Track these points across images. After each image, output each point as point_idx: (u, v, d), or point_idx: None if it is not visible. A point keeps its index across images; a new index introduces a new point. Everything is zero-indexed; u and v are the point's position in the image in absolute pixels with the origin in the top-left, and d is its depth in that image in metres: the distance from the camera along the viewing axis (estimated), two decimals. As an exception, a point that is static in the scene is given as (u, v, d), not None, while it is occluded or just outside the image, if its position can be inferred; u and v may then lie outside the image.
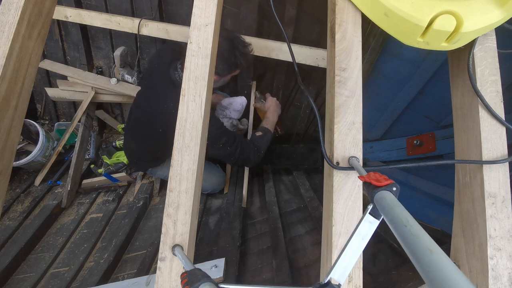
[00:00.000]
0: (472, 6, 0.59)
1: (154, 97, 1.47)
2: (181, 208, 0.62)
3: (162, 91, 1.44)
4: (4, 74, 0.67)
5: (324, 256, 0.65)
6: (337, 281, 0.42)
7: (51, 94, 2.16)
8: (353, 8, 0.71)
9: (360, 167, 0.57)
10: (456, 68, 0.76)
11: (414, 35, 0.63)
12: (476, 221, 0.64)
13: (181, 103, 0.66)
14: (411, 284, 0.82)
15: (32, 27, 0.74)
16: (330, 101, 0.69)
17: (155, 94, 1.46)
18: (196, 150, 0.64)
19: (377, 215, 0.43)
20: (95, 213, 1.91)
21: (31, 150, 1.98)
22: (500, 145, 0.65)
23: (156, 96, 1.45)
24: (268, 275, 1.12)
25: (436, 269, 0.26)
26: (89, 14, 1.84)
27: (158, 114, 1.44)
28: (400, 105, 1.80)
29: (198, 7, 0.71)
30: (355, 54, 0.68)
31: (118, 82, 2.07)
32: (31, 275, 1.45)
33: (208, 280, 0.42)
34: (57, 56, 2.20)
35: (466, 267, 0.65)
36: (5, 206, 1.87)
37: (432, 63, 1.49)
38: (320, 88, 1.94)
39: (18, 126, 0.74)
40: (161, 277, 0.59)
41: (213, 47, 0.71)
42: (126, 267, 1.45)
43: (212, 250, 1.36)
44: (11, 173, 0.75)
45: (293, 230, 1.38)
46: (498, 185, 0.63)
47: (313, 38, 1.72)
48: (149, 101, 1.50)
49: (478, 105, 0.67)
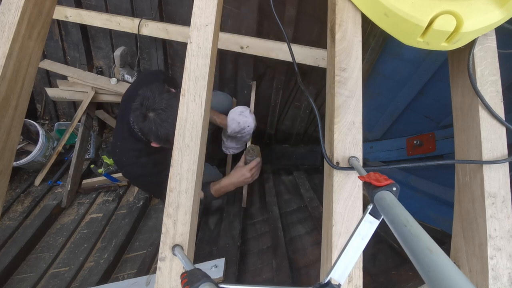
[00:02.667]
0: (472, 6, 0.59)
1: (119, 146, 1.31)
2: (181, 208, 0.62)
3: (122, 139, 1.29)
4: (4, 74, 0.67)
5: (324, 256, 0.65)
6: (337, 281, 0.42)
7: (51, 94, 2.16)
8: (353, 8, 0.71)
9: (360, 167, 0.57)
10: (456, 68, 0.76)
11: (414, 35, 0.63)
12: (476, 221, 0.64)
13: (181, 103, 0.66)
14: (411, 284, 0.82)
15: (32, 27, 0.74)
16: (330, 101, 0.69)
17: (120, 141, 1.31)
18: (196, 150, 0.64)
19: (377, 215, 0.43)
20: (95, 213, 1.91)
21: (31, 150, 1.98)
22: (500, 145, 0.65)
23: (120, 146, 1.30)
24: (268, 275, 1.12)
25: (436, 269, 0.26)
26: (89, 14, 1.84)
27: (124, 167, 1.32)
28: (400, 105, 1.80)
29: (198, 7, 0.71)
30: (355, 54, 0.68)
31: (118, 82, 2.07)
32: (31, 275, 1.45)
33: (208, 280, 0.42)
34: (57, 56, 2.20)
35: (466, 267, 0.65)
36: (5, 206, 1.87)
37: (432, 63, 1.49)
38: (320, 88, 1.94)
39: (18, 126, 0.74)
40: (161, 277, 0.59)
41: (213, 47, 0.70)
42: (126, 267, 1.45)
43: (212, 250, 1.36)
44: (11, 173, 0.75)
45: (293, 230, 1.38)
46: (498, 185, 0.63)
47: (313, 38, 1.72)
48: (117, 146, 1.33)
49: (478, 105, 0.67)
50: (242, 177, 1.39)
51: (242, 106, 1.68)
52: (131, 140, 1.23)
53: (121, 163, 1.31)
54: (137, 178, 1.33)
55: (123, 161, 1.29)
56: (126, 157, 1.27)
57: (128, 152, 1.26)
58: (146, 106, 1.08)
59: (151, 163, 1.27)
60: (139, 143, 1.23)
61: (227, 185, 1.41)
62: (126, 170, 1.32)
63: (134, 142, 1.23)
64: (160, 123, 1.07)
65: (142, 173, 1.29)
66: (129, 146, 1.25)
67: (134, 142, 1.23)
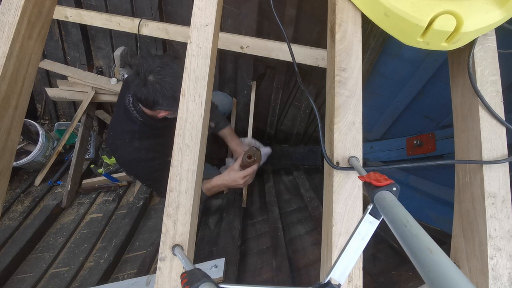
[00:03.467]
0: (472, 6, 0.59)
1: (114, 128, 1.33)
2: (181, 208, 0.62)
3: (117, 122, 1.31)
4: (4, 74, 0.67)
5: (324, 256, 0.65)
6: (337, 281, 0.42)
7: (51, 94, 2.16)
8: (353, 8, 0.71)
9: (360, 167, 0.57)
10: (456, 68, 0.76)
11: (414, 35, 0.63)
12: (476, 221, 0.64)
13: (181, 103, 0.66)
14: (411, 284, 0.82)
15: (32, 27, 0.74)
16: (330, 101, 0.69)
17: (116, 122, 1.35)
18: (196, 150, 0.64)
19: (377, 215, 0.43)
20: (95, 213, 1.91)
21: (31, 150, 1.98)
22: (500, 145, 0.65)
23: (115, 127, 1.32)
24: (268, 275, 1.12)
25: (436, 269, 0.26)
26: (89, 14, 1.84)
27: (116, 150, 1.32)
28: (400, 105, 1.80)
29: (198, 7, 0.71)
30: (355, 54, 0.68)
31: (118, 82, 2.07)
32: (31, 275, 1.45)
33: (208, 280, 0.42)
34: (57, 56, 2.20)
35: (466, 267, 0.65)
36: (5, 206, 1.88)
37: (432, 63, 1.49)
38: (320, 88, 1.94)
39: (18, 126, 0.74)
40: (161, 277, 0.59)
41: (213, 47, 0.70)
42: (126, 267, 1.45)
43: (212, 250, 1.36)
44: (11, 173, 0.75)
45: (293, 230, 1.38)
46: (498, 185, 0.63)
47: (313, 38, 1.72)
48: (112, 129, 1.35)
49: (478, 105, 0.67)
50: (233, 182, 1.36)
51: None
52: (126, 121, 1.23)
53: (114, 146, 1.30)
54: (129, 163, 1.31)
55: (116, 144, 1.28)
56: (119, 140, 1.27)
57: (121, 134, 1.26)
58: (143, 72, 1.07)
59: (144, 148, 1.26)
60: (133, 125, 1.23)
61: (218, 185, 1.39)
62: (118, 154, 1.32)
63: (128, 123, 1.23)
64: (162, 79, 1.06)
65: (134, 158, 1.28)
66: (123, 128, 1.25)
67: (128, 124, 1.23)
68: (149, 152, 1.27)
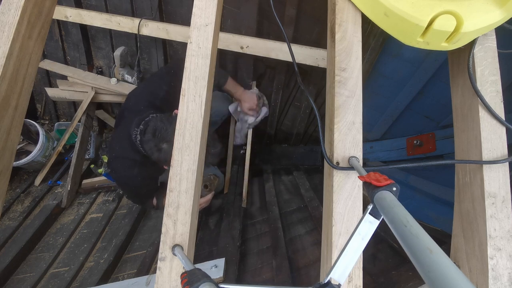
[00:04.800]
0: (472, 6, 0.59)
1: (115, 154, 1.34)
2: (181, 208, 0.62)
3: (121, 147, 1.31)
4: (4, 74, 0.67)
5: (324, 256, 0.65)
6: (337, 281, 0.42)
7: (51, 94, 2.16)
8: (353, 8, 0.71)
9: (360, 167, 0.57)
10: (456, 68, 0.76)
11: (414, 35, 0.63)
12: (476, 221, 0.64)
13: (181, 103, 0.66)
14: (411, 284, 0.82)
15: (32, 27, 0.74)
16: (330, 101, 0.69)
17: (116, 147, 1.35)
18: (196, 150, 0.64)
19: (377, 215, 0.43)
20: (95, 213, 1.91)
21: (31, 150, 1.98)
22: (500, 145, 0.65)
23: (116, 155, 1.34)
24: (268, 275, 1.12)
25: (436, 269, 0.26)
26: (89, 14, 1.84)
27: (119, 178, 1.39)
28: (400, 105, 1.80)
29: (198, 7, 0.71)
30: (355, 54, 0.68)
31: (118, 82, 2.07)
32: (31, 275, 1.45)
33: (208, 280, 0.42)
34: (57, 56, 2.20)
35: (466, 267, 0.65)
36: (5, 206, 1.87)
37: (432, 63, 1.49)
38: (320, 88, 1.94)
39: (18, 126, 0.74)
40: (161, 277, 0.59)
41: (213, 47, 0.70)
42: (126, 267, 1.45)
43: (212, 250, 1.36)
44: (11, 173, 0.75)
45: (293, 230, 1.38)
46: (498, 185, 0.63)
47: (313, 38, 1.72)
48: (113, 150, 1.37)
49: (478, 105, 0.67)
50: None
51: None
52: (130, 150, 1.27)
53: (111, 166, 1.37)
54: (122, 183, 1.42)
55: (116, 166, 1.34)
56: (120, 164, 1.32)
57: (123, 160, 1.30)
58: (159, 138, 1.14)
59: (141, 177, 1.32)
60: (137, 155, 1.27)
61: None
62: (115, 173, 1.37)
63: (132, 152, 1.27)
64: None
65: (127, 183, 1.37)
66: (126, 155, 1.29)
67: (131, 152, 1.27)
68: (144, 180, 1.35)
